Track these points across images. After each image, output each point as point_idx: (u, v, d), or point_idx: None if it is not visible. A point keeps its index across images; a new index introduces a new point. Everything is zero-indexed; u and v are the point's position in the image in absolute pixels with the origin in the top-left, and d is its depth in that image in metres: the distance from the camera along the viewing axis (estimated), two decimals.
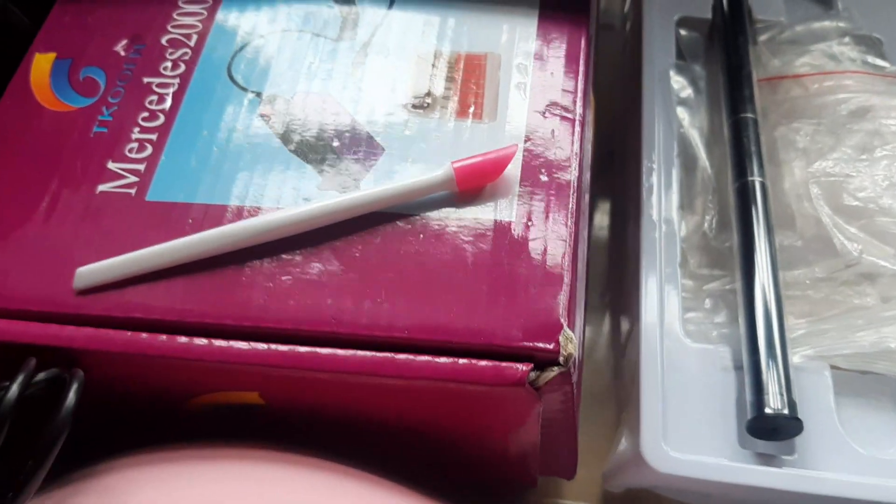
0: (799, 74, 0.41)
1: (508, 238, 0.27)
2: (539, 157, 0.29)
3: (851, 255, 0.34)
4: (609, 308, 0.41)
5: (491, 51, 0.32)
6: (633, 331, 0.34)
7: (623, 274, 0.39)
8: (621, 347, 0.37)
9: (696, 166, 0.39)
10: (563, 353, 0.25)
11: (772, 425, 0.30)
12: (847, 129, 0.38)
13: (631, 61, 0.44)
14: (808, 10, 0.45)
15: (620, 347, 0.37)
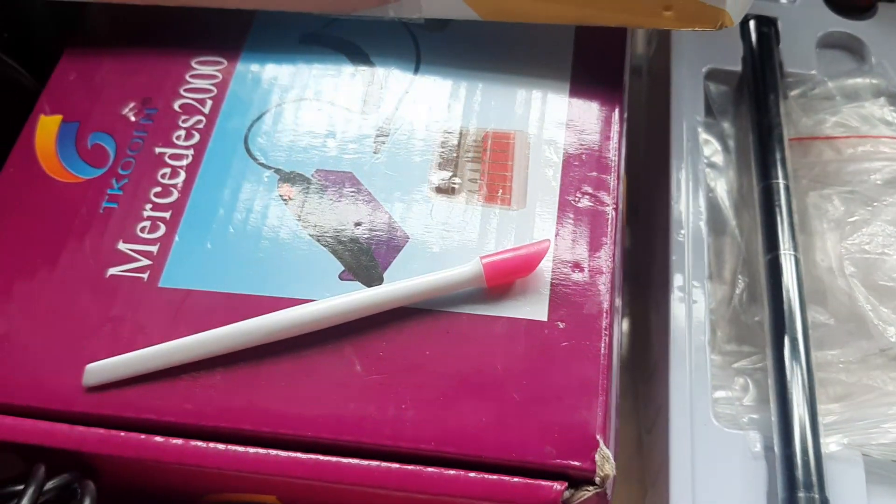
0: (831, 136, 0.39)
1: (540, 340, 0.26)
2: (571, 250, 0.28)
3: (886, 339, 0.33)
4: (633, 374, 0.40)
5: (520, 128, 0.30)
6: (661, 411, 0.33)
7: (649, 344, 0.38)
8: (647, 422, 0.36)
9: (726, 231, 0.38)
10: (599, 472, 0.24)
11: None
12: (882, 200, 0.36)
13: (657, 111, 0.43)
14: (841, 62, 0.44)
15: (647, 422, 0.36)
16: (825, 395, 0.33)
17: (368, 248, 0.28)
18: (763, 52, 0.42)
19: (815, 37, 0.43)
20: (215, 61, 0.32)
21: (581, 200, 0.29)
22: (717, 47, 0.42)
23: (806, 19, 0.44)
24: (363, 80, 0.32)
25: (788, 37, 0.43)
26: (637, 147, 0.45)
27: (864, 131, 0.39)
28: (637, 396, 0.39)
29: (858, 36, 0.43)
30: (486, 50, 0.32)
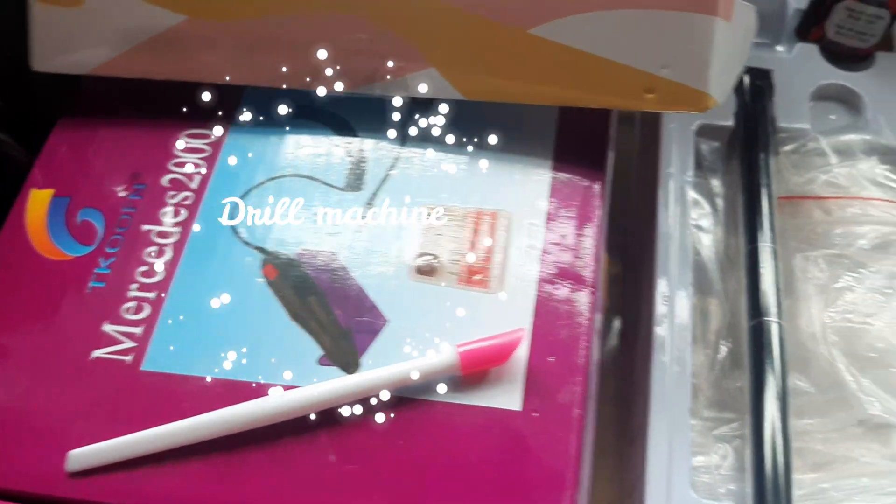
0: (821, 196, 0.39)
1: (513, 431, 0.26)
2: (549, 336, 0.28)
3: (864, 410, 0.33)
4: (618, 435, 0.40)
5: (502, 208, 0.31)
6: (639, 479, 0.34)
7: (633, 405, 0.38)
8: (628, 487, 0.37)
9: (712, 293, 0.38)
10: None
11: None
12: (869, 266, 0.36)
13: (646, 165, 0.43)
14: (837, 114, 0.43)
15: (628, 486, 0.37)
16: (804, 465, 0.34)
17: (347, 331, 0.28)
18: (755, 107, 0.42)
19: (811, 89, 0.43)
20: (205, 134, 0.33)
21: (559, 287, 0.29)
22: None
23: (801, 70, 0.44)
24: (349, 156, 0.32)
25: (783, 89, 0.43)
26: (628, 194, 0.45)
27: (853, 192, 0.39)
28: (621, 457, 0.39)
29: (854, 88, 0.43)
30: (472, 126, 0.32)
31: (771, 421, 0.33)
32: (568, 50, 0.30)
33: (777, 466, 0.32)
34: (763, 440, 0.32)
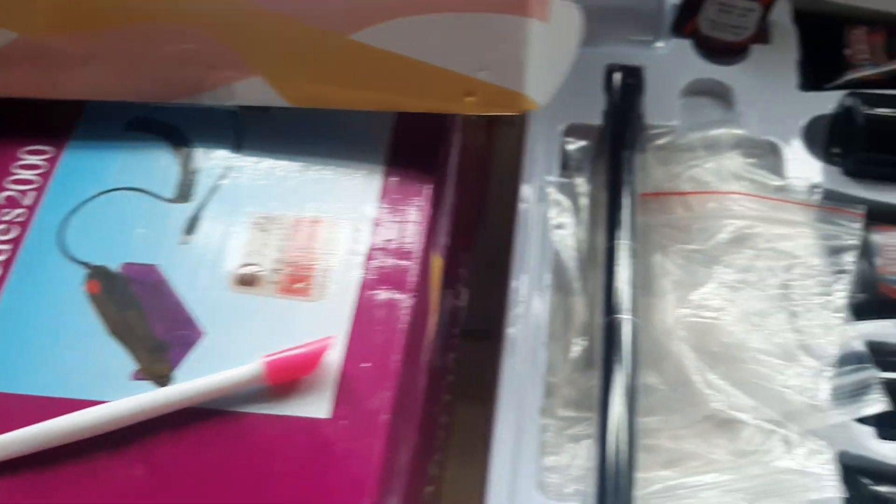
0: (684, 192, 0.39)
1: (321, 439, 0.26)
2: (365, 342, 0.28)
3: (709, 406, 0.33)
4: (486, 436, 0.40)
5: (329, 215, 0.31)
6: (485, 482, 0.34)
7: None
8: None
9: (573, 292, 0.38)
10: None
11: None
12: (723, 260, 0.37)
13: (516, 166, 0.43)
14: (711, 109, 0.44)
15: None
16: (654, 462, 0.34)
17: (163, 344, 0.28)
18: (625, 105, 0.42)
19: (683, 84, 0.43)
20: (42, 150, 0.33)
21: (380, 292, 0.29)
22: (581, 101, 0.42)
23: (675, 66, 0.44)
24: (181, 167, 0.32)
25: (655, 85, 0.43)
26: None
27: (714, 186, 0.39)
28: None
29: (726, 82, 0.43)
30: (307, 133, 0.32)
31: (616, 419, 0.33)
32: (388, 55, 0.30)
33: (619, 465, 0.32)
34: (607, 439, 0.32)
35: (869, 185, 0.40)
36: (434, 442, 0.33)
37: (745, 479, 0.32)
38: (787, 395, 0.33)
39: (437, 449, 0.34)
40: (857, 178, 0.40)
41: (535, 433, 0.34)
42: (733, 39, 0.45)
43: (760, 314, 0.35)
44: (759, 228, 0.37)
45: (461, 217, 0.36)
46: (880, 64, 0.44)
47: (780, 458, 0.32)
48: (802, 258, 0.36)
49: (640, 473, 0.33)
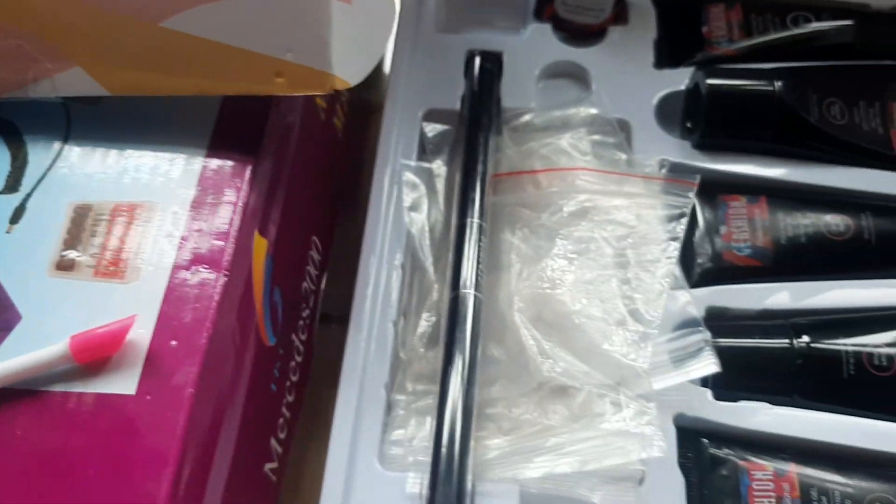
0: (535, 170, 0.40)
1: (126, 414, 0.27)
2: (174, 320, 0.29)
3: (543, 374, 0.34)
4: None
5: (147, 199, 0.31)
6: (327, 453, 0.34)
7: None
8: None
9: (425, 272, 0.39)
10: None
11: None
12: (563, 233, 0.37)
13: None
14: (569, 90, 0.44)
15: None
16: (497, 430, 0.34)
17: None
18: (482, 89, 0.43)
19: (540, 68, 0.44)
20: None
21: (193, 272, 0.30)
22: (443, 87, 0.43)
23: (534, 50, 0.45)
24: (10, 159, 0.33)
25: (514, 69, 0.44)
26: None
27: (562, 163, 0.40)
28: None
29: (583, 64, 0.44)
30: (134, 121, 0.33)
31: (453, 391, 0.33)
32: (197, 40, 0.31)
33: (454, 435, 0.32)
34: (444, 410, 0.33)
35: (716, 156, 0.41)
36: (276, 420, 0.34)
37: (577, 441, 0.33)
38: (616, 360, 0.34)
39: (282, 427, 0.34)
40: (705, 151, 0.41)
41: (379, 408, 0.35)
42: (592, 22, 0.45)
43: (594, 283, 0.36)
44: (600, 202, 0.38)
45: (303, 201, 0.37)
46: (736, 40, 0.45)
47: (609, 421, 0.33)
48: (637, 228, 0.37)
49: (480, 441, 0.34)
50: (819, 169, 0.40)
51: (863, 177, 0.40)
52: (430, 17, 0.46)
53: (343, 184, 0.44)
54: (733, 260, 0.38)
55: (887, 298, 0.37)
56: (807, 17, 0.45)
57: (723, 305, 0.37)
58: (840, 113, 0.41)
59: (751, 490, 0.33)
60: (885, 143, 0.41)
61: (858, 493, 0.32)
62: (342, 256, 0.41)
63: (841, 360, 0.35)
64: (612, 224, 0.37)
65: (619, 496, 0.33)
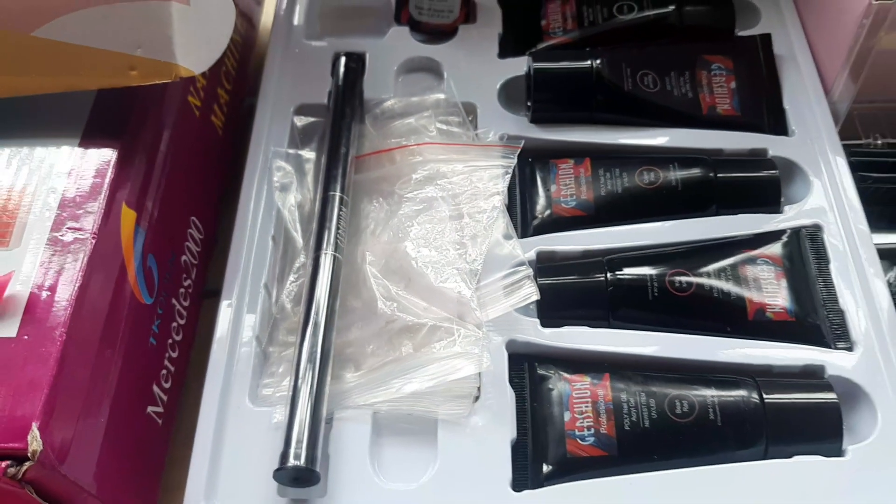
0: (391, 148, 0.46)
1: (7, 352, 0.32)
2: (49, 275, 0.34)
3: (387, 314, 0.39)
4: None
5: (27, 183, 0.37)
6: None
7: None
8: None
9: (293, 241, 0.44)
10: (31, 449, 0.30)
11: (294, 475, 0.35)
12: (409, 196, 0.43)
13: None
14: (424, 82, 0.50)
15: None
16: (354, 367, 0.40)
17: None
18: (346, 85, 0.49)
19: (399, 63, 0.50)
20: None
21: (66, 235, 0.35)
22: (312, 85, 0.49)
23: (393, 49, 0.51)
24: None
25: (375, 67, 0.50)
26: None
27: (413, 140, 0.46)
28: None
29: (436, 58, 0.50)
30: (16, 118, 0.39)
31: (310, 335, 0.38)
32: (65, 45, 0.36)
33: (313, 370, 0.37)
34: (302, 349, 0.38)
35: (548, 128, 0.47)
36: (158, 370, 0.39)
37: (419, 366, 0.38)
38: (450, 296, 0.39)
39: (165, 378, 0.39)
40: (539, 124, 0.47)
41: (250, 357, 0.40)
42: (443, 22, 0.52)
43: (432, 234, 0.41)
44: (442, 168, 0.44)
45: (180, 186, 0.42)
46: (570, 30, 0.51)
47: (445, 347, 0.38)
48: (470, 187, 0.42)
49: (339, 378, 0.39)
50: (636, 131, 0.46)
51: (673, 135, 0.46)
52: (302, 26, 0.53)
53: (227, 174, 0.49)
54: (561, 212, 0.44)
55: (688, 234, 0.42)
56: (630, 5, 0.51)
57: (550, 250, 0.43)
58: (653, 82, 0.47)
59: (571, 398, 0.38)
60: (695, 104, 0.47)
61: (660, 394, 0.38)
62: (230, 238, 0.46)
63: (647, 285, 0.40)
64: (450, 185, 0.43)
65: (459, 410, 0.38)
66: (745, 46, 0.49)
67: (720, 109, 0.47)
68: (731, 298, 0.40)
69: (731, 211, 0.43)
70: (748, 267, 0.41)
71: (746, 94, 0.47)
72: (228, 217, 0.45)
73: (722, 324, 0.40)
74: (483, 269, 0.40)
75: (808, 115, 0.47)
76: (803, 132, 0.46)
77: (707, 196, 0.44)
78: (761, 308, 0.40)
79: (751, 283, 0.40)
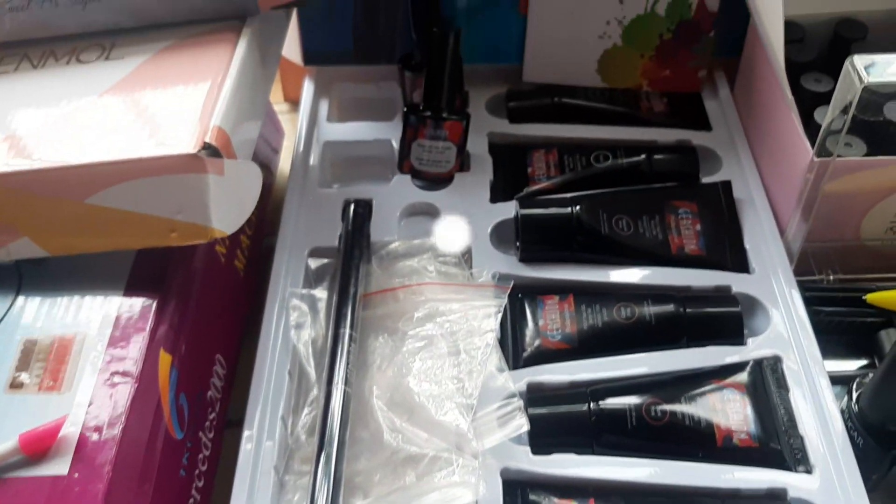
0: (395, 288, 0.51)
1: (59, 490, 0.36)
2: (96, 418, 0.38)
3: (392, 445, 0.44)
4: None
5: (77, 331, 0.42)
6: None
7: None
8: None
9: (307, 375, 0.48)
10: None
11: None
12: (412, 334, 0.48)
13: None
14: (425, 225, 0.56)
15: None
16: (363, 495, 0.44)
17: None
18: (355, 228, 0.54)
19: (402, 208, 0.56)
20: None
21: (113, 380, 0.40)
22: (324, 229, 0.55)
23: (397, 195, 0.57)
24: None
25: (381, 211, 0.56)
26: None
27: (415, 280, 0.51)
28: None
29: (435, 203, 0.56)
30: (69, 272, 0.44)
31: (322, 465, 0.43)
32: (114, 211, 0.42)
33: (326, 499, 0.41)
34: (316, 480, 0.42)
35: (535, 266, 0.53)
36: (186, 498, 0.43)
37: (421, 494, 0.42)
38: (449, 428, 0.44)
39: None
40: (527, 263, 0.53)
41: (269, 485, 0.44)
42: (440, 171, 0.58)
43: (432, 369, 0.46)
44: (441, 307, 0.49)
45: (207, 327, 0.47)
46: (552, 176, 0.58)
47: (444, 476, 0.42)
48: (466, 325, 0.48)
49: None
50: (613, 270, 0.52)
51: (646, 273, 0.52)
52: (315, 175, 0.59)
53: (248, 312, 0.54)
54: (548, 345, 0.49)
55: (662, 366, 0.47)
56: (606, 154, 0.58)
57: (539, 381, 0.47)
58: (627, 225, 0.53)
59: None
60: (665, 245, 0.53)
61: None
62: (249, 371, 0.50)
63: (626, 415, 0.45)
64: (448, 323, 0.48)
65: None
66: (709, 192, 0.55)
67: (688, 249, 0.53)
68: (701, 426, 0.44)
69: (700, 343, 0.48)
70: (716, 396, 0.46)
71: (711, 236, 0.53)
72: (249, 350, 0.50)
73: (694, 449, 0.44)
74: (478, 400, 0.45)
75: (765, 254, 0.52)
76: (762, 269, 0.52)
77: (678, 330, 0.49)
78: (728, 435, 0.44)
79: (718, 411, 0.45)
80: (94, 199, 0.42)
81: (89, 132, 0.43)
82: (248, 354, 0.50)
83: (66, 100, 0.45)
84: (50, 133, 0.43)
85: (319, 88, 0.65)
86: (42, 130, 0.43)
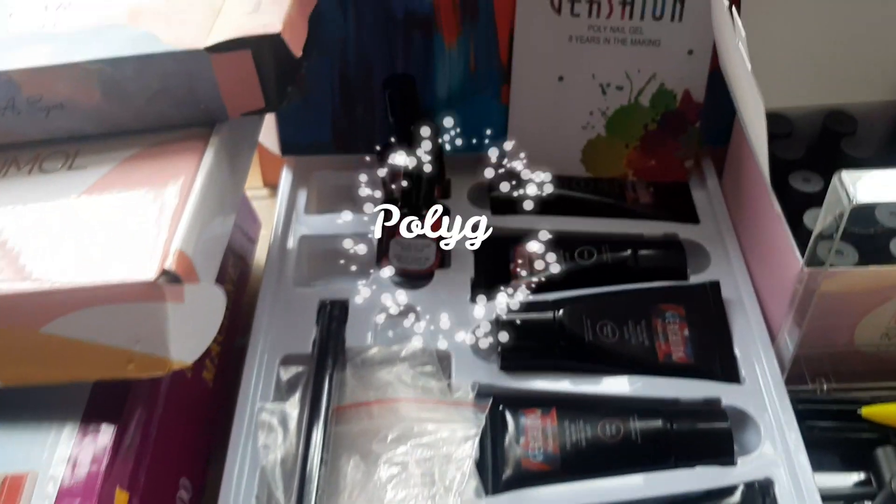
0: (369, 402, 0.49)
1: None
2: None
3: None
4: None
5: (30, 469, 0.39)
6: None
7: None
8: None
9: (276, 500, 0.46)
10: None
11: None
12: (385, 458, 0.46)
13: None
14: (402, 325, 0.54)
15: None
16: None
17: None
18: (329, 335, 0.52)
19: (379, 308, 0.54)
20: None
21: None
22: (297, 333, 0.53)
23: (375, 295, 0.55)
24: None
25: (357, 311, 0.54)
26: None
27: (390, 394, 0.49)
28: None
29: (413, 303, 0.54)
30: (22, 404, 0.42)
31: None
32: (69, 341, 0.40)
33: None
34: None
35: (517, 375, 0.50)
36: None
37: None
38: None
39: None
40: (508, 372, 0.51)
41: None
42: (420, 268, 0.56)
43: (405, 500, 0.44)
44: (416, 428, 0.47)
45: (171, 450, 0.45)
46: (534, 272, 0.56)
47: None
48: (441, 449, 0.45)
49: None
50: (598, 379, 0.50)
51: (632, 383, 0.49)
52: (291, 273, 0.57)
53: (218, 419, 0.52)
54: (529, 466, 0.47)
55: (650, 490, 0.45)
56: (590, 250, 0.56)
57: None
58: (612, 331, 0.51)
59: None
60: (651, 352, 0.51)
61: None
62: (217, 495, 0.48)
63: None
64: (421, 448, 0.46)
65: None
66: (697, 294, 0.53)
67: (675, 357, 0.51)
68: None
69: (688, 463, 0.46)
70: None
71: (698, 342, 0.51)
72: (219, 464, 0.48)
73: None
74: None
75: (756, 362, 0.50)
76: (753, 379, 0.50)
77: (666, 449, 0.46)
78: None
79: None
80: (49, 329, 0.40)
81: (44, 254, 0.41)
82: (218, 468, 0.48)
83: (27, 214, 0.43)
84: (3, 254, 0.41)
85: (297, 178, 0.63)
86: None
